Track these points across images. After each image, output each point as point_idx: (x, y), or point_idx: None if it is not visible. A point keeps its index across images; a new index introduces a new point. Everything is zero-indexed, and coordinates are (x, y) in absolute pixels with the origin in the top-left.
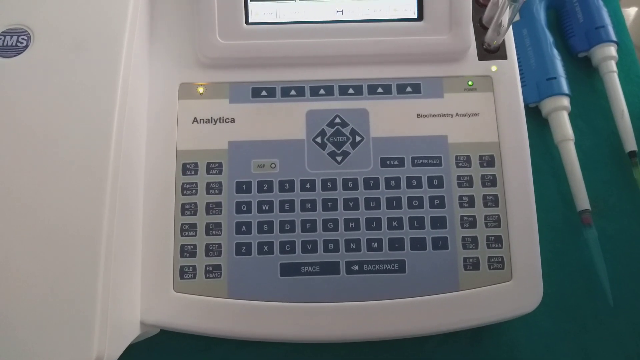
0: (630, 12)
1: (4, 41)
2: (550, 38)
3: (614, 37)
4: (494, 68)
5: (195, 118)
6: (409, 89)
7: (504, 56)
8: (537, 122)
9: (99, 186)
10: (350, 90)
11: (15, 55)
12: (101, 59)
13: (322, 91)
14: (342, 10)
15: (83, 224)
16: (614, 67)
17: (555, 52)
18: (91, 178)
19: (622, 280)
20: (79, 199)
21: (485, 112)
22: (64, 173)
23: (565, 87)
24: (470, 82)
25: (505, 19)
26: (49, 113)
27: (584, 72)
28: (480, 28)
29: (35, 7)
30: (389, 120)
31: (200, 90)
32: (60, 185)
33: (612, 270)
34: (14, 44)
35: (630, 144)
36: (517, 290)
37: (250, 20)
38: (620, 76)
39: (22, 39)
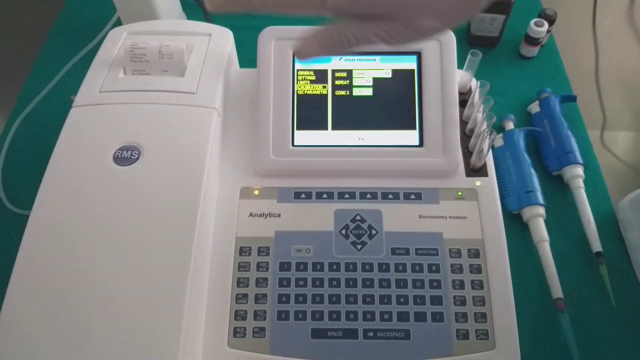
0: None
1: (121, 154)
2: (528, 160)
3: (580, 160)
4: (478, 183)
5: (251, 213)
6: (412, 196)
7: (485, 174)
8: (519, 225)
9: (184, 266)
10: (368, 196)
11: (129, 165)
12: (190, 171)
13: (347, 195)
14: (362, 138)
15: (171, 295)
16: (581, 184)
17: (532, 170)
18: (179, 259)
19: (592, 359)
20: (169, 276)
21: (472, 216)
22: (159, 253)
23: (540, 198)
24: (459, 193)
25: (485, 146)
26: (152, 210)
27: (558, 187)
28: (467, 152)
29: (145, 131)
30: (398, 219)
31: (256, 192)
32: (156, 263)
33: (583, 349)
34: (128, 157)
35: (596, 246)
36: (499, 357)
37: (296, 143)
38: (587, 191)
39: (135, 153)
